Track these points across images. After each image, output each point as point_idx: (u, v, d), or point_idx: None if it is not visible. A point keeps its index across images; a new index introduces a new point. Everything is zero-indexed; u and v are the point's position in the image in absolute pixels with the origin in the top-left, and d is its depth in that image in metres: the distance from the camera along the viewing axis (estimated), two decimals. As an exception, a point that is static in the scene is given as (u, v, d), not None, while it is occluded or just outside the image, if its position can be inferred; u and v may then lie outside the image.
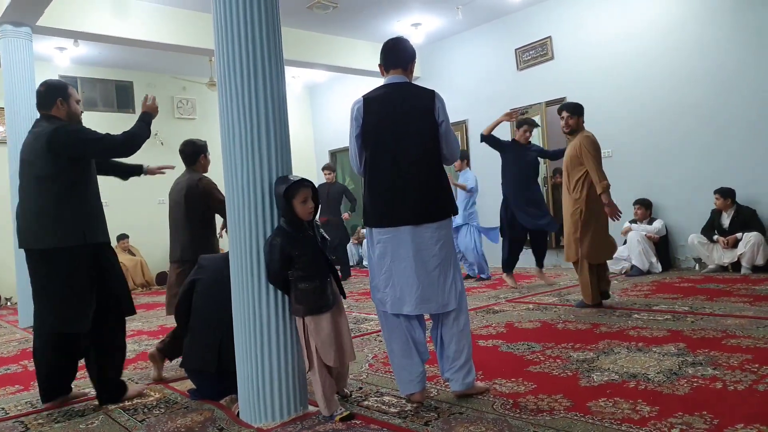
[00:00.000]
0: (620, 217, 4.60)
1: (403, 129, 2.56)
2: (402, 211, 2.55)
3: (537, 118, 7.80)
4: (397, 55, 2.69)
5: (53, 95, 3.00)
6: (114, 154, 3.03)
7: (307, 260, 2.47)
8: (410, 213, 2.54)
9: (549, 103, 7.79)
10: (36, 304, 2.89)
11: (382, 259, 2.60)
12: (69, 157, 2.85)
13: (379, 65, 2.76)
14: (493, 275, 7.02)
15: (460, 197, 6.77)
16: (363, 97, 2.66)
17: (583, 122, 4.66)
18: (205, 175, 3.71)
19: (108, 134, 2.94)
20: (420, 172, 2.56)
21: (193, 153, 3.69)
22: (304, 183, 2.49)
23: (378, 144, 2.60)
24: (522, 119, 6.12)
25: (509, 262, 6.06)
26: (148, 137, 3.05)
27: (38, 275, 2.86)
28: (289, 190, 2.44)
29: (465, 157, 6.94)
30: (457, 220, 6.71)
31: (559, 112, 4.70)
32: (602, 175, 4.41)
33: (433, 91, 2.65)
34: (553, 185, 7.91)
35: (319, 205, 2.74)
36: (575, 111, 4.61)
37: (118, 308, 2.94)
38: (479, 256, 6.87)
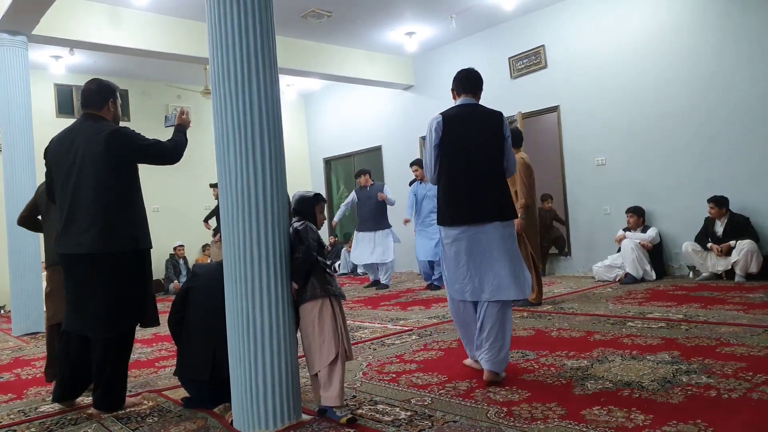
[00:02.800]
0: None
1: (478, 142, 3.01)
2: (479, 210, 2.96)
3: (516, 125, 7.86)
4: (469, 82, 3.17)
5: (106, 95, 2.96)
6: (164, 161, 2.96)
7: (327, 252, 2.66)
8: (486, 212, 2.96)
9: (526, 115, 7.84)
10: (75, 309, 2.85)
11: (459, 255, 2.97)
12: (125, 160, 2.84)
13: (452, 90, 3.22)
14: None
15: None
16: (441, 114, 3.07)
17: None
18: None
19: (159, 140, 2.94)
20: (493, 179, 3.02)
21: None
22: (323, 198, 2.85)
23: (456, 154, 3.01)
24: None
25: None
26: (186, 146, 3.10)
27: (86, 280, 2.80)
28: (315, 198, 2.77)
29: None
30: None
31: None
32: (527, 192, 5.04)
33: (501, 112, 3.11)
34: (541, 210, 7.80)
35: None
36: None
37: (144, 313, 2.94)
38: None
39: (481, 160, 3.00)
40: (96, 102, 2.95)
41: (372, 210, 7.42)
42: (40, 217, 3.62)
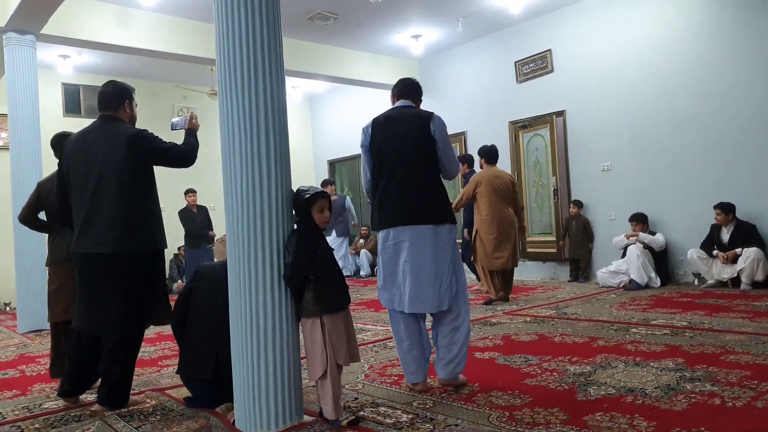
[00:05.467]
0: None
1: (403, 144, 2.89)
2: (402, 213, 2.84)
3: (545, 131, 7.85)
4: (404, 87, 3.11)
5: (122, 97, 3.00)
6: (181, 163, 2.97)
7: (326, 260, 2.58)
8: (408, 214, 2.83)
9: (553, 114, 7.83)
10: (89, 308, 2.85)
11: (389, 260, 2.88)
12: (145, 162, 2.88)
13: (392, 96, 3.16)
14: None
15: None
16: (373, 119, 3.01)
17: (485, 161, 5.98)
18: None
19: (175, 143, 2.96)
20: (423, 180, 2.88)
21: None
22: (321, 194, 2.61)
23: (383, 156, 2.91)
24: None
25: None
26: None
27: (103, 280, 2.82)
28: (309, 200, 2.56)
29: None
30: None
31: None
32: (457, 200, 5.96)
33: (432, 113, 2.95)
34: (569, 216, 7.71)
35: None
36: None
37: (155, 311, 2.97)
38: None
39: (409, 162, 2.86)
40: (112, 104, 2.99)
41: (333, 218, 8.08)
42: (41, 214, 3.60)
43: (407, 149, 2.87)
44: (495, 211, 5.74)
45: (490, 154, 6.01)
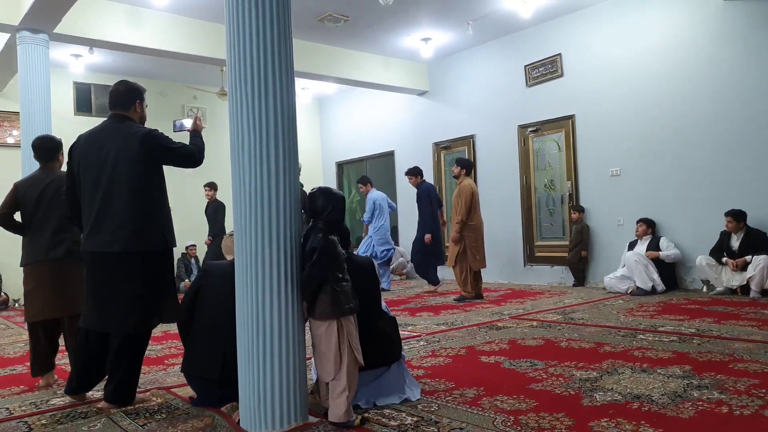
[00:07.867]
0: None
1: None
2: None
3: (558, 135, 7.83)
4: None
5: (134, 96, 3.03)
6: (191, 163, 2.99)
7: (343, 263, 2.60)
8: None
9: (563, 119, 7.81)
10: (98, 307, 2.86)
11: None
12: (156, 161, 2.91)
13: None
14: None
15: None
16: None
17: (465, 172, 6.55)
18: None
19: (185, 144, 2.99)
20: None
21: (53, 148, 3.61)
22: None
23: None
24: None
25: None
26: None
27: (114, 278, 2.82)
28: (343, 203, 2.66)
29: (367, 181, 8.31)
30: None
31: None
32: (464, 212, 6.36)
33: None
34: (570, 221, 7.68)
35: None
36: (458, 164, 6.66)
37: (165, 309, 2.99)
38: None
39: None
40: (124, 103, 3.01)
41: None
42: (17, 215, 3.54)
43: None
44: (480, 218, 6.50)
45: (470, 165, 6.84)
